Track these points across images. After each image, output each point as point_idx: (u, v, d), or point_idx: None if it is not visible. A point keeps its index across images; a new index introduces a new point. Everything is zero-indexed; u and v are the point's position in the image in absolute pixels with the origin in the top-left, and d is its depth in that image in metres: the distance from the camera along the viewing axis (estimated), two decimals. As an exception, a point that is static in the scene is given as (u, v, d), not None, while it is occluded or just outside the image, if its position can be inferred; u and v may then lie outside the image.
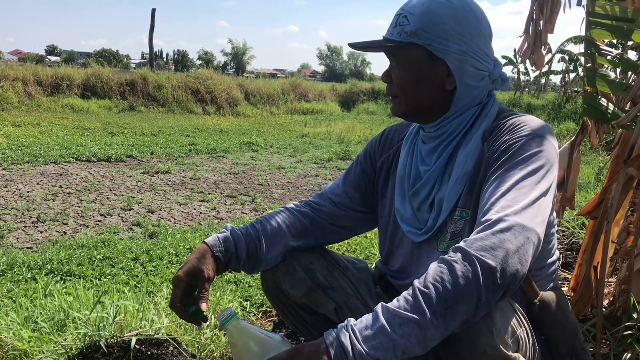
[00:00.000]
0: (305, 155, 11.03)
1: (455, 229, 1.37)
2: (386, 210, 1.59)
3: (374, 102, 26.85)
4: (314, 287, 1.56)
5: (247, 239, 1.52)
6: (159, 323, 2.25)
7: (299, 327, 1.70)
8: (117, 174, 8.12)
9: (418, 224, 1.46)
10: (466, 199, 1.36)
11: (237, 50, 68.95)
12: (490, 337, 1.11)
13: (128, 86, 20.71)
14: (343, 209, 1.63)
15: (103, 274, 3.79)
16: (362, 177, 1.65)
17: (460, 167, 1.37)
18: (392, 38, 1.37)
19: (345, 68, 75.84)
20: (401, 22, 1.36)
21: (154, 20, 28.36)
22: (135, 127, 14.01)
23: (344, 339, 1.06)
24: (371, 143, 1.68)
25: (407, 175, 1.50)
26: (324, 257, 1.63)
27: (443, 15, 1.33)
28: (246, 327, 1.13)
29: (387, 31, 1.40)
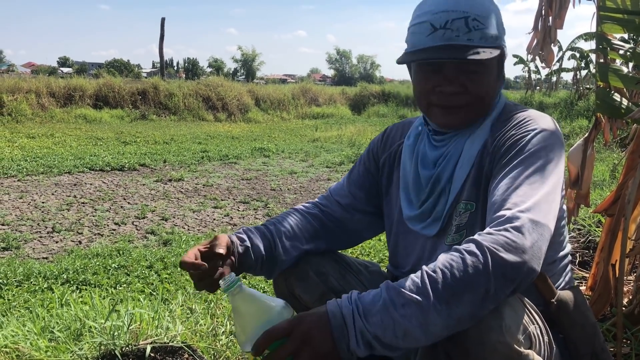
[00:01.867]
0: (316, 159, 11.03)
1: (460, 221, 1.36)
2: (391, 209, 1.58)
3: (384, 104, 26.82)
4: (327, 291, 1.54)
5: (263, 237, 1.51)
6: (174, 330, 2.25)
7: None
8: (131, 182, 8.16)
9: (426, 217, 1.44)
10: (471, 192, 1.35)
11: (247, 57, 69.18)
12: (500, 333, 1.09)
13: (140, 95, 20.83)
14: (350, 211, 1.63)
15: (118, 283, 3.81)
16: (366, 175, 1.64)
17: (467, 151, 1.37)
18: (474, 44, 1.28)
19: (355, 71, 75.78)
20: (476, 26, 1.28)
21: (164, 30, 28.53)
22: (147, 136, 14.09)
23: (347, 312, 1.06)
24: (373, 142, 1.68)
25: (413, 182, 1.47)
26: (336, 261, 1.62)
27: (500, 15, 1.35)
28: (250, 293, 1.12)
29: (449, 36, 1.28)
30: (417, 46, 1.33)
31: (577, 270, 2.82)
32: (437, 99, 1.36)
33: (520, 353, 1.11)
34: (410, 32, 1.37)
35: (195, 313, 2.65)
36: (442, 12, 1.28)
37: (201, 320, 2.51)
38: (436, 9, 1.29)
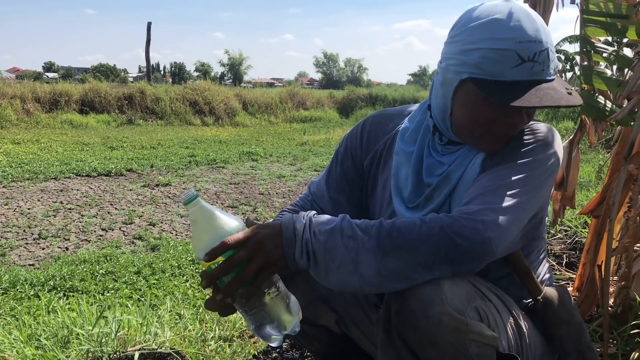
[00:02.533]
0: (305, 163, 11.03)
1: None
2: (377, 208, 1.53)
3: (372, 107, 26.89)
4: (314, 298, 1.51)
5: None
6: (163, 336, 2.24)
7: (300, 340, 1.66)
8: (118, 188, 8.12)
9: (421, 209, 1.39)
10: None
11: (234, 61, 69.06)
12: (442, 304, 1.10)
13: (126, 100, 20.75)
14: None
15: (106, 289, 3.78)
16: (344, 178, 1.57)
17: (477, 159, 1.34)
18: (552, 77, 1.23)
19: (342, 75, 75.86)
20: (552, 58, 1.22)
21: (150, 34, 28.43)
22: (134, 141, 14.02)
23: (299, 225, 1.15)
24: (351, 141, 1.58)
25: (413, 188, 1.40)
26: None
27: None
28: (208, 208, 1.14)
29: (546, 71, 1.21)
30: (500, 77, 1.19)
31: (563, 272, 2.84)
32: (503, 129, 1.27)
33: (466, 322, 1.12)
34: (481, 56, 1.20)
35: (183, 318, 2.64)
36: (530, 43, 1.17)
37: (190, 325, 2.50)
38: (522, 37, 1.17)
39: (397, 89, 33.99)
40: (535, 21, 1.19)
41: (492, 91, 1.20)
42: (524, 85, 1.17)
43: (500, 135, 1.27)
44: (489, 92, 1.20)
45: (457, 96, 1.27)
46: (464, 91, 1.25)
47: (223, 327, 2.51)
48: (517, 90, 1.17)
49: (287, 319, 1.20)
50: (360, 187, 1.57)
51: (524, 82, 1.18)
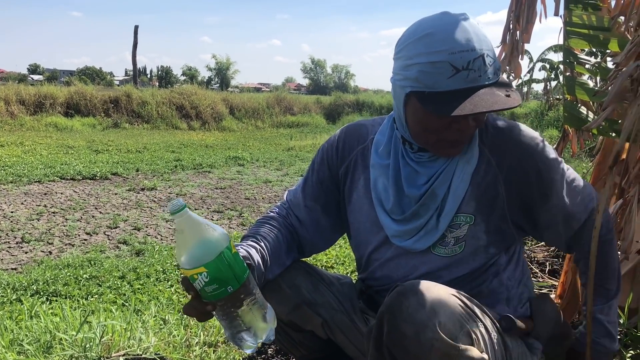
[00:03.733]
0: (291, 168, 11.03)
1: (458, 234, 1.39)
2: (356, 216, 1.55)
3: (359, 113, 26.99)
4: (299, 303, 1.53)
5: (262, 258, 1.45)
6: (147, 342, 2.23)
7: (285, 345, 1.68)
8: (103, 191, 8.06)
9: (417, 231, 1.42)
10: (469, 205, 1.38)
11: (221, 65, 68.97)
12: (435, 330, 1.13)
13: (112, 103, 20.64)
14: (306, 226, 1.59)
15: (90, 294, 3.75)
16: (320, 187, 1.59)
17: (465, 165, 1.38)
18: (494, 81, 1.26)
19: (330, 81, 76.05)
20: (490, 63, 1.24)
21: (137, 37, 28.33)
22: (120, 145, 13.94)
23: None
24: (326, 151, 1.61)
25: (395, 202, 1.43)
26: (308, 273, 1.59)
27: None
28: (194, 218, 1.16)
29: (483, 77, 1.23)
30: (436, 88, 1.23)
31: (546, 279, 2.87)
32: (452, 135, 1.31)
33: (457, 347, 1.15)
34: (418, 71, 1.25)
35: (168, 324, 2.63)
36: (462, 52, 1.20)
37: (174, 331, 2.49)
38: (454, 48, 1.21)
39: (384, 96, 34.08)
40: (467, 30, 1.22)
41: (430, 102, 1.25)
42: (461, 93, 1.22)
43: (452, 141, 1.32)
44: (427, 103, 1.26)
45: (407, 108, 1.34)
46: (410, 104, 1.32)
47: (208, 332, 2.51)
48: (454, 99, 1.22)
49: (263, 326, 1.21)
50: (336, 196, 1.60)
51: (461, 90, 1.22)
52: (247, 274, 1.19)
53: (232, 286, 1.15)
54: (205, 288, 1.15)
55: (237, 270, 1.17)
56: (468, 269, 1.41)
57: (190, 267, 1.14)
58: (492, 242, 1.40)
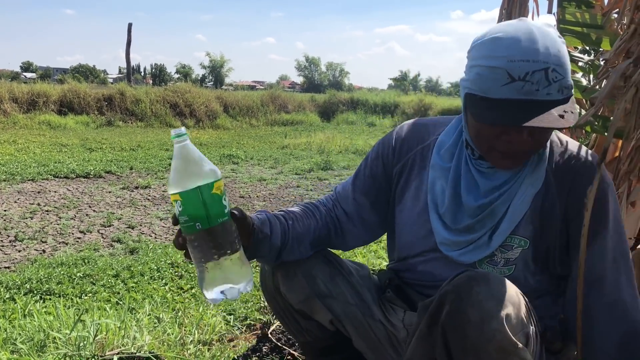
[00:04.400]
0: (286, 166, 11.03)
1: (510, 255, 1.36)
2: (405, 217, 1.52)
3: (353, 112, 27.01)
4: (312, 295, 1.52)
5: (281, 231, 1.46)
6: (141, 340, 2.22)
7: (292, 329, 1.67)
8: (96, 190, 8.04)
9: (466, 244, 1.40)
10: (526, 229, 1.35)
11: (215, 63, 68.80)
12: (501, 322, 1.12)
13: (106, 101, 20.55)
14: (353, 219, 1.57)
15: (84, 292, 3.74)
16: (371, 182, 1.57)
17: (529, 187, 1.35)
18: (553, 99, 1.19)
19: (324, 79, 75.99)
20: (555, 78, 1.17)
21: (131, 35, 28.23)
22: (113, 143, 13.89)
23: None
24: (383, 146, 1.58)
25: (450, 207, 1.40)
26: (327, 262, 1.57)
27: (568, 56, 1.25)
28: (192, 149, 1.20)
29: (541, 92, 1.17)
30: (489, 94, 1.21)
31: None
32: (502, 146, 1.27)
33: (516, 345, 1.14)
34: (477, 73, 1.23)
35: (162, 322, 2.63)
36: (522, 62, 1.16)
37: (169, 329, 2.49)
38: (515, 56, 1.17)
39: (378, 94, 34.13)
40: (535, 41, 1.17)
41: (477, 107, 1.23)
42: (512, 104, 1.18)
43: (502, 152, 1.28)
44: (474, 107, 1.24)
45: (466, 111, 1.32)
46: (467, 106, 1.30)
47: (202, 330, 2.51)
48: (504, 108, 1.18)
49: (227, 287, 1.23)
50: (387, 193, 1.57)
51: (513, 101, 1.18)
52: (222, 220, 1.19)
53: (201, 224, 1.17)
54: (179, 217, 1.19)
55: (212, 211, 1.17)
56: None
57: (170, 192, 1.19)
58: (540, 272, 1.38)
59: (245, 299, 3.30)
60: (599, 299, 1.32)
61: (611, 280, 1.32)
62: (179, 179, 1.17)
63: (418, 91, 49.16)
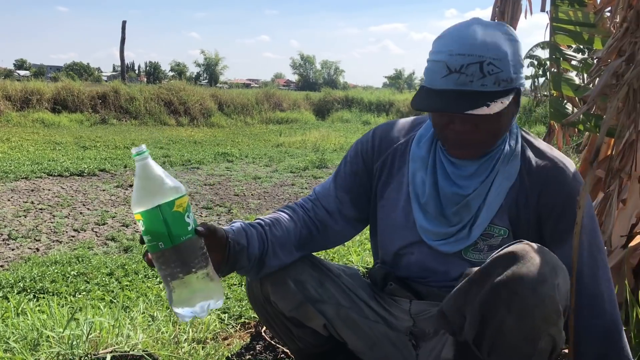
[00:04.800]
0: (281, 164, 11.02)
1: (492, 243, 1.42)
2: (388, 212, 1.55)
3: (348, 110, 26.98)
4: (304, 301, 1.52)
5: (258, 238, 1.45)
6: (135, 339, 2.22)
7: (284, 338, 1.67)
8: (90, 188, 8.01)
9: (447, 237, 1.45)
10: (503, 219, 1.42)
11: (210, 61, 68.64)
12: (553, 288, 1.16)
13: (100, 99, 20.48)
14: (335, 217, 1.59)
15: (77, 291, 3.73)
16: (353, 178, 1.60)
17: (503, 180, 1.41)
18: (487, 90, 1.27)
19: (319, 77, 75.95)
20: (491, 71, 1.26)
21: (125, 33, 28.11)
22: (107, 141, 13.85)
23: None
24: (362, 145, 1.61)
25: (430, 196, 1.45)
26: (314, 267, 1.58)
27: (518, 50, 1.33)
28: (154, 165, 1.20)
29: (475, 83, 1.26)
30: (431, 85, 1.31)
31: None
32: (451, 135, 1.36)
33: (560, 313, 1.18)
34: (427, 67, 1.35)
35: (156, 320, 2.62)
36: (458, 55, 1.26)
37: (163, 327, 2.48)
38: (453, 50, 1.27)
39: (373, 92, 34.12)
40: (474, 36, 1.27)
41: (419, 96, 1.33)
42: (450, 94, 1.27)
43: (452, 140, 1.37)
44: (417, 96, 1.34)
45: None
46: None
47: (196, 329, 2.51)
48: (441, 97, 1.28)
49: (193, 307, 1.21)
50: (367, 190, 1.60)
51: (451, 91, 1.27)
52: (185, 238, 1.18)
53: (163, 243, 1.15)
54: (143, 237, 1.19)
55: (174, 229, 1.16)
56: None
57: (133, 211, 1.18)
58: None
59: (240, 297, 3.30)
60: (579, 294, 1.35)
61: (589, 274, 1.37)
62: (139, 198, 1.16)
63: (413, 89, 49.20)
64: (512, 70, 1.29)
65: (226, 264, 1.38)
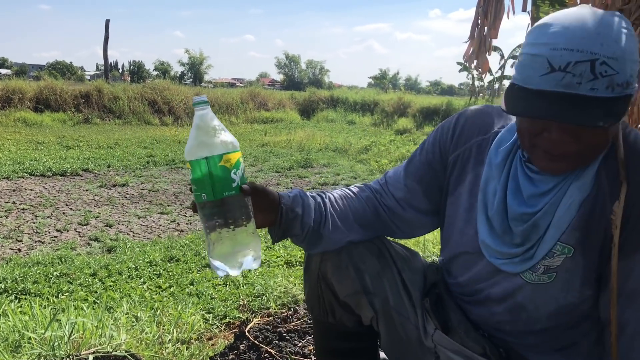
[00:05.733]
0: (266, 164, 11.00)
1: (551, 263, 1.23)
2: (455, 210, 1.42)
3: (333, 109, 27.00)
4: (361, 290, 1.45)
5: (316, 208, 1.38)
6: (118, 339, 2.21)
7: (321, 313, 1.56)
8: (73, 188, 7.94)
9: (511, 257, 1.28)
10: (571, 236, 1.21)
11: (194, 60, 68.26)
12: None
13: (83, 98, 20.29)
14: (403, 205, 1.47)
15: (60, 291, 3.70)
16: (426, 167, 1.45)
17: (576, 192, 1.20)
18: (599, 95, 1.04)
19: (304, 76, 75.86)
20: (604, 72, 1.03)
21: (108, 31, 27.91)
22: (91, 140, 13.74)
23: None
24: (442, 132, 1.45)
25: (498, 211, 1.28)
26: (380, 256, 1.48)
27: (635, 50, 1.07)
28: (212, 117, 1.20)
29: (584, 85, 1.04)
30: (527, 84, 1.09)
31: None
32: (544, 144, 1.14)
33: None
34: (521, 60, 1.13)
35: (140, 321, 2.61)
36: (565, 51, 1.04)
37: (147, 328, 2.47)
38: (558, 43, 1.05)
39: (358, 92, 34.16)
40: (587, 29, 1.04)
41: (512, 97, 1.13)
42: (550, 96, 1.06)
43: (544, 151, 1.15)
44: (509, 97, 1.14)
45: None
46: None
47: (181, 329, 2.50)
48: (538, 100, 1.07)
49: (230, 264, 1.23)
50: (441, 181, 1.45)
51: (552, 93, 1.06)
52: (228, 194, 1.19)
53: (206, 195, 1.17)
54: (191, 184, 1.21)
55: (218, 183, 1.18)
56: (554, 306, 1.26)
57: (185, 158, 1.20)
58: (588, 285, 1.22)
59: (225, 298, 3.28)
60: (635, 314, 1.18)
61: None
62: (190, 147, 1.18)
63: (397, 89, 49.34)
64: (629, 73, 1.06)
65: (279, 228, 1.35)
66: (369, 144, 15.11)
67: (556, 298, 1.24)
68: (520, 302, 1.28)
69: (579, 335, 1.29)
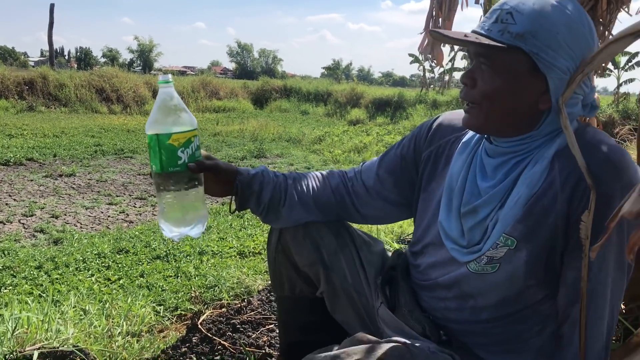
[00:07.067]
0: (218, 154, 10.88)
1: (494, 254, 1.23)
2: (426, 205, 1.43)
3: (287, 99, 26.92)
4: (317, 261, 1.54)
5: (275, 187, 1.49)
6: (66, 333, 2.14)
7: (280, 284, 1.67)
8: (17, 178, 7.65)
9: (463, 243, 1.29)
10: (515, 227, 1.21)
11: (144, 48, 66.74)
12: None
13: (26, 85, 19.57)
14: (372, 195, 1.52)
15: (3, 285, 3.57)
16: (399, 161, 1.50)
17: (523, 188, 1.21)
18: (491, 35, 1.14)
19: (257, 65, 75.28)
20: (504, 19, 1.13)
21: (53, 16, 26.96)
22: (35, 129, 13.26)
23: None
24: (420, 129, 1.50)
25: (458, 190, 1.32)
26: (338, 235, 1.57)
27: (557, 23, 1.12)
28: (174, 96, 1.30)
29: (481, 25, 1.18)
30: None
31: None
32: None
33: None
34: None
35: (89, 314, 2.54)
36: (503, 3, 1.17)
37: (95, 321, 2.41)
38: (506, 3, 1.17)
39: (311, 82, 34.10)
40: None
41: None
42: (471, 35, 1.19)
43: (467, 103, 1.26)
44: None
45: None
46: None
47: (131, 322, 2.45)
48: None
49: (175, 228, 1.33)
50: (413, 177, 1.49)
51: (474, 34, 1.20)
52: (173, 170, 1.29)
53: (155, 167, 1.29)
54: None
55: (165, 159, 1.28)
56: (499, 296, 1.26)
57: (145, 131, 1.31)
58: (533, 277, 1.22)
59: (176, 289, 3.24)
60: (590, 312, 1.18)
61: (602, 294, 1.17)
62: (148, 122, 1.29)
63: (350, 80, 49.57)
64: (532, 34, 1.11)
65: (235, 202, 1.47)
66: (323, 134, 15.14)
67: (500, 288, 1.25)
68: (466, 290, 1.30)
69: (527, 331, 1.29)
